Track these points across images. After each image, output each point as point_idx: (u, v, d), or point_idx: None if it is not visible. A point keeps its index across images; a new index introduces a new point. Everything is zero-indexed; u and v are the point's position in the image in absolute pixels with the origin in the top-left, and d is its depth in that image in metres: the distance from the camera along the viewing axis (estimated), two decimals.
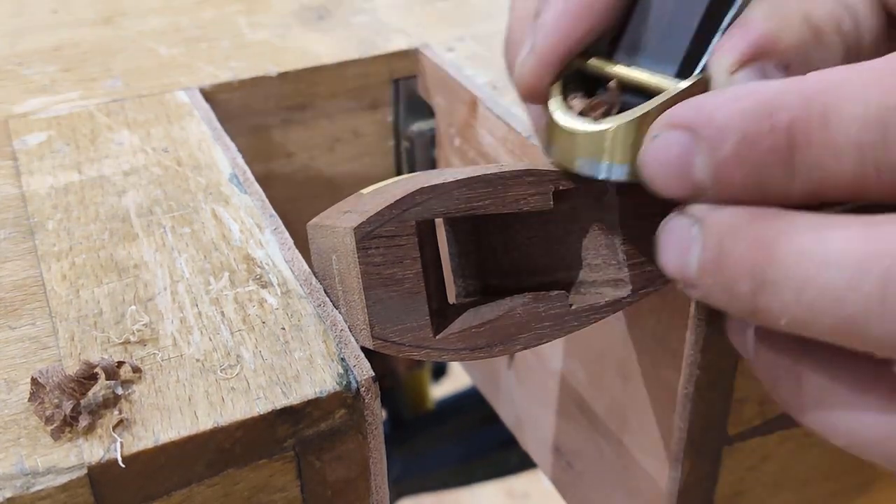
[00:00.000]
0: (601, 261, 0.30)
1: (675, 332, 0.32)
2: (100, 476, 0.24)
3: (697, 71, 0.27)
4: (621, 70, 0.28)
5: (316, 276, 0.30)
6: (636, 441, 0.37)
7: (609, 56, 0.29)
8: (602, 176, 0.27)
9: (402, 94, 0.48)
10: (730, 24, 0.27)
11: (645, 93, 0.27)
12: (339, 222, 0.28)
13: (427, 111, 0.48)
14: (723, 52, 0.26)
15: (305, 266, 0.31)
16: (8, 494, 0.23)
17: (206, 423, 0.25)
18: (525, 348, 0.29)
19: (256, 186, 0.35)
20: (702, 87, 0.26)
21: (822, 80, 0.23)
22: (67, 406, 0.25)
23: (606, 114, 0.27)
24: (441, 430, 0.82)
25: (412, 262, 0.27)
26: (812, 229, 0.22)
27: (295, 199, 0.47)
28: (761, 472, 0.37)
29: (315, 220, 0.30)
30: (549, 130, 0.28)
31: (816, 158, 0.22)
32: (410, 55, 0.47)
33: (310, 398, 0.26)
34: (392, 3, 0.53)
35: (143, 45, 0.47)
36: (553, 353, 0.41)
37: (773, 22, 0.26)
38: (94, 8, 0.51)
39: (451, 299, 0.31)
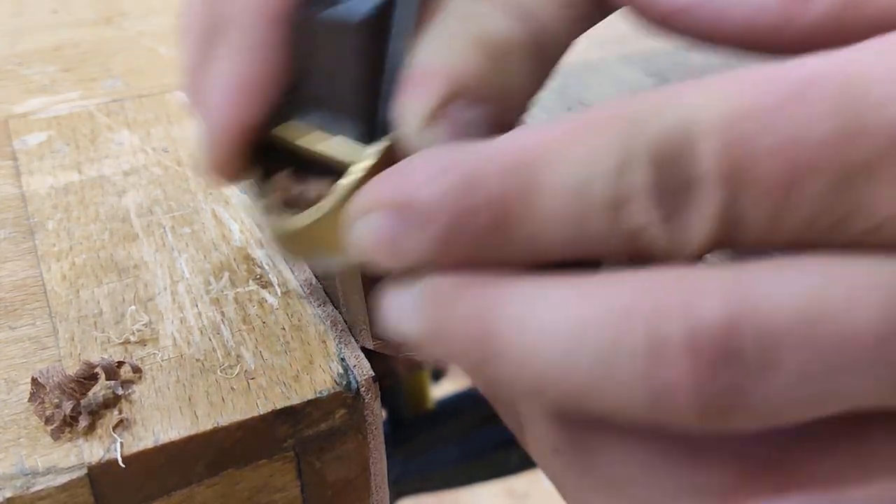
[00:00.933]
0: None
1: None
2: (100, 476, 0.24)
3: (383, 133, 0.24)
4: (307, 142, 0.25)
5: (316, 276, 0.30)
6: None
7: (292, 114, 0.26)
8: (331, 268, 0.25)
9: None
10: (400, 66, 0.24)
11: (339, 168, 0.24)
12: None
13: None
14: (408, 107, 0.24)
15: (305, 266, 0.31)
16: (8, 494, 0.23)
17: (206, 423, 0.25)
18: None
19: None
20: (391, 152, 0.24)
21: (518, 146, 0.21)
22: (67, 406, 0.25)
23: (304, 200, 0.25)
24: (441, 430, 0.82)
25: None
26: (529, 295, 0.21)
27: None
28: None
29: None
30: (262, 223, 0.26)
31: (533, 229, 0.21)
32: None
33: (310, 398, 0.26)
34: None
35: (143, 45, 0.47)
36: None
37: (447, 58, 0.24)
38: (94, 8, 0.51)
39: None
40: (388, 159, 0.23)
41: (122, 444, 0.24)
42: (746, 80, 0.20)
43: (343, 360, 0.27)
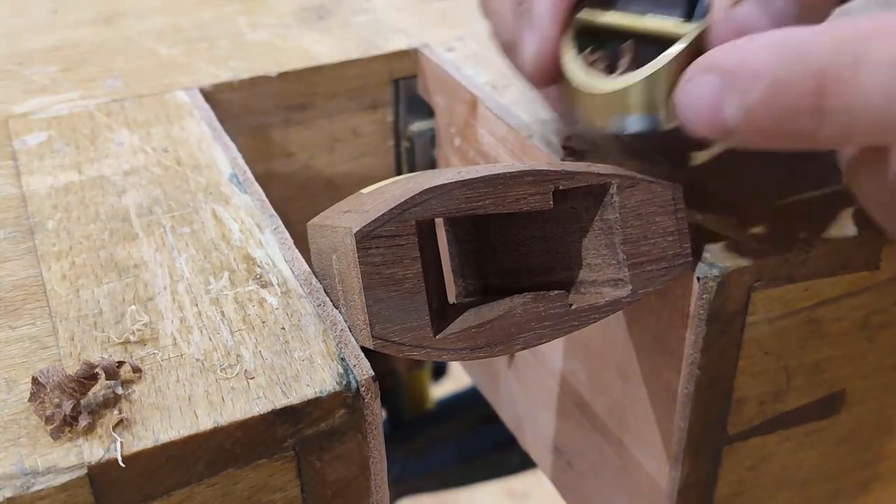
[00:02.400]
0: (601, 261, 0.30)
1: (675, 332, 0.32)
2: (100, 476, 0.24)
3: (703, 9, 0.27)
4: (628, 19, 0.28)
5: (316, 276, 0.30)
6: (636, 441, 0.37)
7: (606, 5, 0.29)
8: (632, 129, 0.27)
9: (402, 94, 0.48)
10: None
11: (655, 39, 0.28)
12: (339, 222, 0.28)
13: (427, 111, 0.48)
14: None
15: (305, 266, 0.31)
16: (8, 494, 0.23)
17: (206, 423, 0.25)
18: (525, 348, 0.29)
19: (256, 186, 0.35)
20: (708, 33, 0.27)
21: (852, 28, 0.23)
22: (67, 406, 0.25)
23: (621, 68, 0.28)
24: (441, 430, 0.82)
25: (412, 261, 0.27)
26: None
27: (295, 199, 0.47)
28: (761, 472, 0.37)
29: (315, 219, 0.30)
30: (571, 96, 0.29)
31: (844, 103, 0.23)
32: (410, 55, 0.47)
33: (310, 398, 0.26)
34: (392, 3, 0.53)
35: (143, 45, 0.47)
36: (553, 353, 0.41)
37: None
38: (94, 8, 0.51)
39: (452, 299, 0.31)
40: (704, 40, 0.26)
41: (122, 443, 0.24)
42: None
43: (343, 360, 0.27)
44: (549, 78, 0.30)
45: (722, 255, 0.31)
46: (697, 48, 0.27)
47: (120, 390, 0.26)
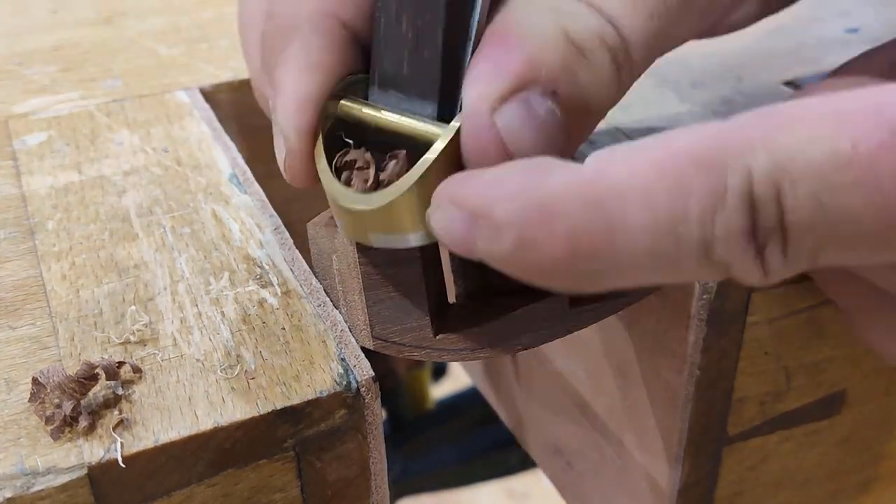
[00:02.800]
0: None
1: (675, 332, 0.32)
2: (100, 476, 0.24)
3: (459, 108, 0.24)
4: (380, 116, 0.26)
5: (316, 276, 0.30)
6: (636, 441, 0.37)
7: (366, 96, 0.26)
8: (401, 246, 0.25)
9: None
10: (477, 41, 0.24)
11: (411, 141, 0.25)
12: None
13: None
14: (480, 84, 0.23)
15: (305, 266, 0.31)
16: (8, 494, 0.23)
17: (206, 423, 0.25)
18: (525, 349, 0.29)
19: (256, 186, 0.35)
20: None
21: (600, 181, 0.21)
22: (68, 406, 0.25)
23: (378, 180, 0.25)
24: (441, 430, 0.82)
25: (412, 262, 0.27)
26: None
27: (295, 199, 0.47)
28: (761, 472, 0.37)
29: (315, 219, 0.30)
30: (331, 206, 0.26)
31: (603, 266, 0.21)
32: None
33: (310, 398, 0.26)
34: None
35: (143, 45, 0.47)
36: (553, 353, 0.41)
37: (532, 42, 0.23)
38: (94, 8, 0.51)
39: (452, 299, 0.31)
40: (458, 140, 0.24)
41: (122, 444, 0.24)
42: (841, 120, 0.20)
43: (343, 360, 0.27)
44: (309, 182, 0.27)
45: None
46: (454, 155, 0.24)
47: (120, 391, 0.26)
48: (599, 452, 0.40)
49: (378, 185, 0.25)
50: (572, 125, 0.24)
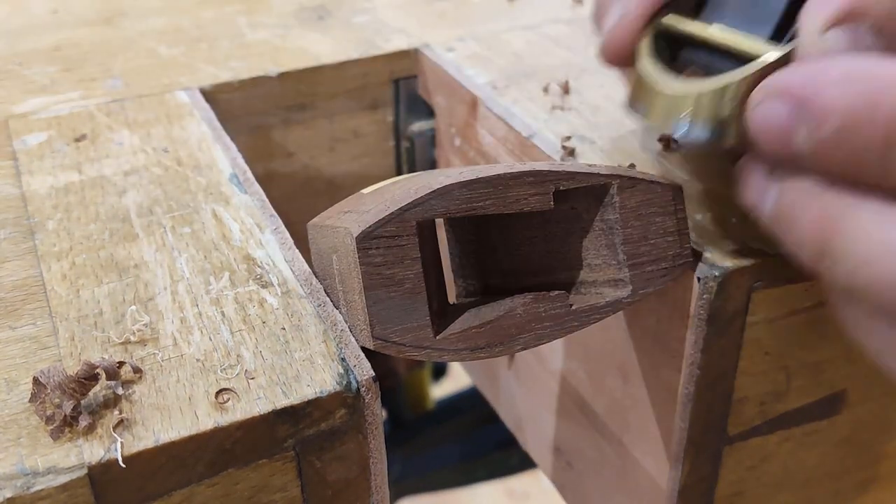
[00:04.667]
0: (601, 261, 0.30)
1: (675, 332, 0.32)
2: (100, 476, 0.24)
3: (789, 35, 0.26)
4: (712, 31, 0.28)
5: (316, 276, 0.30)
6: (636, 441, 0.37)
7: (695, 14, 0.29)
8: (691, 137, 0.27)
9: (402, 94, 0.48)
10: None
11: (735, 55, 0.27)
12: (339, 222, 0.28)
13: (427, 111, 0.48)
14: (814, 10, 0.25)
15: (305, 266, 0.31)
16: (8, 494, 0.23)
17: (206, 423, 0.25)
18: (525, 348, 0.29)
19: (256, 186, 0.35)
20: (793, 57, 0.26)
21: None
22: (68, 406, 0.25)
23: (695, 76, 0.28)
24: (441, 430, 0.82)
25: (413, 262, 0.27)
26: (877, 214, 0.23)
27: (295, 199, 0.47)
28: (761, 472, 0.37)
29: (315, 220, 0.30)
30: (640, 91, 0.28)
31: None
32: (410, 55, 0.47)
33: (310, 398, 0.26)
34: (392, 3, 0.53)
35: (143, 45, 0.47)
36: (553, 353, 0.41)
37: None
38: (94, 8, 0.51)
39: (452, 299, 0.31)
40: (792, 58, 0.26)
41: (122, 444, 0.24)
42: None
43: (343, 360, 0.27)
44: (621, 57, 0.30)
45: (722, 255, 0.31)
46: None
47: (120, 390, 0.26)
48: (599, 452, 0.40)
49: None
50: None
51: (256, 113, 0.45)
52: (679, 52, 0.29)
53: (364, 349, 0.28)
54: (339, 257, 0.28)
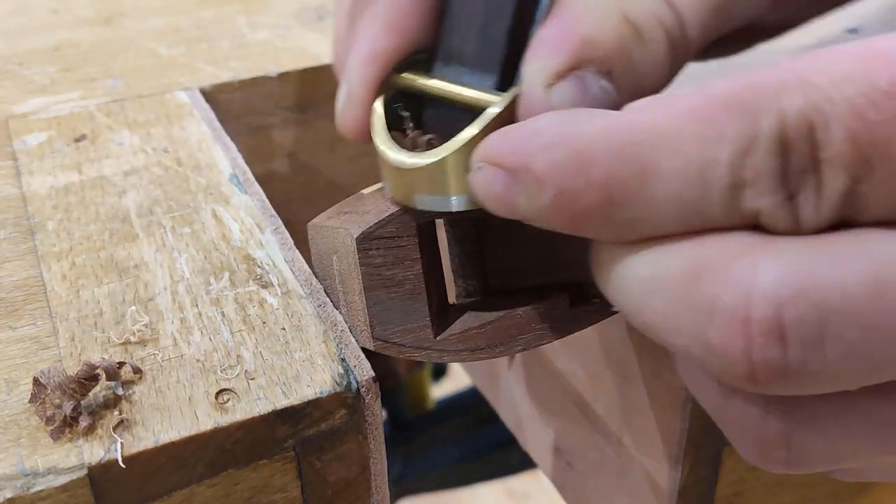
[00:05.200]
0: None
1: None
2: (100, 476, 0.24)
3: (518, 80, 0.25)
4: (440, 86, 0.27)
5: (316, 277, 0.30)
6: (636, 441, 0.37)
7: (428, 69, 0.27)
8: (445, 209, 0.26)
9: None
10: (541, 22, 0.25)
11: (470, 110, 0.26)
12: (339, 223, 0.28)
13: None
14: (538, 60, 0.24)
15: (305, 266, 0.31)
16: (8, 494, 0.23)
17: (206, 424, 0.25)
18: (526, 349, 0.29)
19: (256, 186, 0.35)
20: (517, 104, 0.25)
21: (636, 127, 0.21)
22: (68, 407, 0.25)
23: (430, 143, 0.26)
24: (441, 430, 0.82)
25: (413, 263, 0.27)
26: (619, 249, 0.23)
27: (295, 199, 0.47)
28: (761, 472, 0.37)
29: (315, 220, 0.30)
30: (381, 167, 0.27)
31: (636, 214, 0.22)
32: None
33: (310, 398, 0.26)
34: None
35: (143, 45, 0.47)
36: (553, 353, 0.41)
37: (590, 21, 0.24)
38: (94, 8, 0.51)
39: (452, 300, 0.31)
40: (514, 110, 0.25)
41: (122, 444, 0.24)
42: (879, 58, 0.20)
43: (343, 360, 0.27)
44: (360, 136, 0.28)
45: None
46: (508, 121, 0.25)
47: (120, 391, 0.26)
48: (599, 452, 0.40)
49: (429, 148, 0.26)
50: (625, 104, 0.24)
51: (256, 113, 0.45)
52: (423, 110, 0.28)
53: (364, 350, 0.28)
54: (339, 258, 0.28)
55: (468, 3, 0.26)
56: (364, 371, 0.27)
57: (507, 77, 0.26)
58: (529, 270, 0.31)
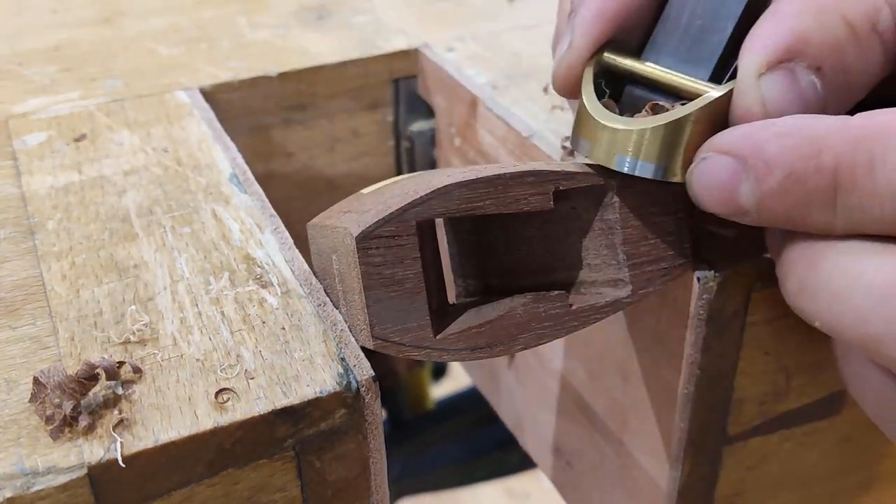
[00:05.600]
0: (601, 261, 0.30)
1: (675, 332, 0.32)
2: (100, 476, 0.24)
3: (730, 73, 0.27)
4: (653, 70, 0.28)
5: (316, 276, 0.30)
6: (636, 441, 0.37)
7: (639, 54, 0.29)
8: (632, 172, 0.27)
9: (402, 94, 0.48)
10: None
11: (674, 94, 0.28)
12: (339, 222, 0.28)
13: (427, 111, 0.48)
14: (751, 53, 0.26)
15: (305, 266, 0.31)
16: (8, 494, 0.23)
17: (206, 423, 0.25)
18: (525, 348, 0.29)
19: (256, 186, 0.35)
20: (730, 97, 0.26)
21: (869, 124, 0.23)
22: (67, 406, 0.25)
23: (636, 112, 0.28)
24: (441, 430, 0.82)
25: (413, 262, 0.27)
26: (853, 250, 0.23)
27: (295, 199, 0.47)
28: (761, 472, 0.37)
29: (315, 220, 0.30)
30: (582, 124, 0.29)
31: (858, 202, 0.23)
32: (410, 55, 0.47)
33: (310, 398, 0.26)
34: (392, 3, 0.53)
35: (143, 45, 0.47)
36: (553, 353, 0.41)
37: (806, 18, 0.25)
38: (94, 8, 0.51)
39: (452, 299, 0.31)
40: (723, 104, 0.26)
41: (122, 443, 0.24)
42: None
43: (343, 360, 0.27)
44: (569, 88, 0.30)
45: (722, 255, 0.31)
46: (717, 112, 0.26)
47: (120, 390, 0.26)
48: (599, 452, 0.40)
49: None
50: (831, 101, 0.26)
51: (256, 113, 0.45)
52: (622, 90, 0.30)
53: (364, 349, 0.28)
54: (338, 257, 0.28)
55: (690, 5, 0.28)
56: (364, 371, 0.27)
57: (720, 71, 0.27)
58: (529, 270, 0.31)
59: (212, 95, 0.43)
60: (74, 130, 0.39)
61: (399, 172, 0.50)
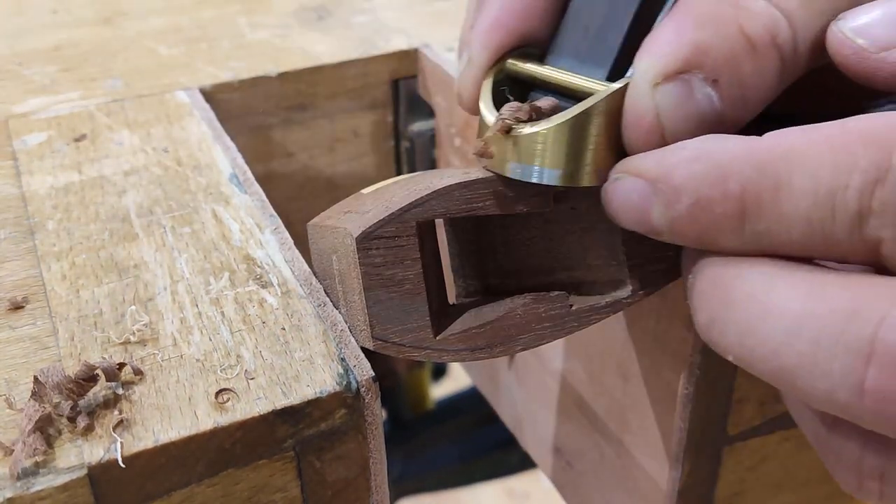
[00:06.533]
0: (601, 261, 0.30)
1: (675, 332, 0.32)
2: (100, 476, 0.24)
3: (628, 74, 0.26)
4: (551, 73, 0.28)
5: (316, 276, 0.30)
6: (636, 441, 0.37)
7: (541, 59, 0.29)
8: (534, 180, 0.27)
9: (402, 94, 0.48)
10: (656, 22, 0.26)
11: (573, 96, 0.27)
12: (339, 223, 0.28)
13: (427, 111, 0.48)
14: (649, 56, 0.25)
15: (305, 266, 0.31)
16: (8, 494, 0.23)
17: (206, 423, 0.25)
18: (525, 349, 0.29)
19: (256, 186, 0.35)
20: (622, 95, 0.26)
21: (775, 148, 0.23)
22: (65, 406, 0.25)
23: (535, 118, 0.27)
24: (441, 430, 0.82)
25: (413, 262, 0.27)
26: (764, 277, 0.23)
27: (295, 199, 0.47)
28: (761, 472, 0.37)
29: (315, 220, 0.30)
30: (481, 135, 0.28)
31: (766, 227, 0.23)
32: (410, 55, 0.47)
33: (310, 398, 0.26)
34: (392, 3, 0.53)
35: (143, 45, 0.47)
36: (553, 353, 0.41)
37: (707, 29, 0.25)
38: (94, 8, 0.51)
39: (452, 299, 0.31)
40: (620, 101, 0.26)
41: (122, 444, 0.24)
42: None
43: (343, 360, 0.27)
44: (472, 103, 0.30)
45: None
46: (609, 111, 0.26)
47: (120, 390, 0.26)
48: (599, 452, 0.40)
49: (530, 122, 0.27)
50: (728, 114, 0.25)
51: (256, 113, 0.45)
52: (528, 97, 0.29)
53: (364, 349, 0.28)
54: (338, 258, 0.28)
55: (588, 6, 0.28)
56: (364, 371, 0.27)
57: (618, 70, 0.27)
58: (529, 270, 0.31)
59: (212, 95, 0.43)
60: (74, 130, 0.39)
61: (399, 172, 0.50)
